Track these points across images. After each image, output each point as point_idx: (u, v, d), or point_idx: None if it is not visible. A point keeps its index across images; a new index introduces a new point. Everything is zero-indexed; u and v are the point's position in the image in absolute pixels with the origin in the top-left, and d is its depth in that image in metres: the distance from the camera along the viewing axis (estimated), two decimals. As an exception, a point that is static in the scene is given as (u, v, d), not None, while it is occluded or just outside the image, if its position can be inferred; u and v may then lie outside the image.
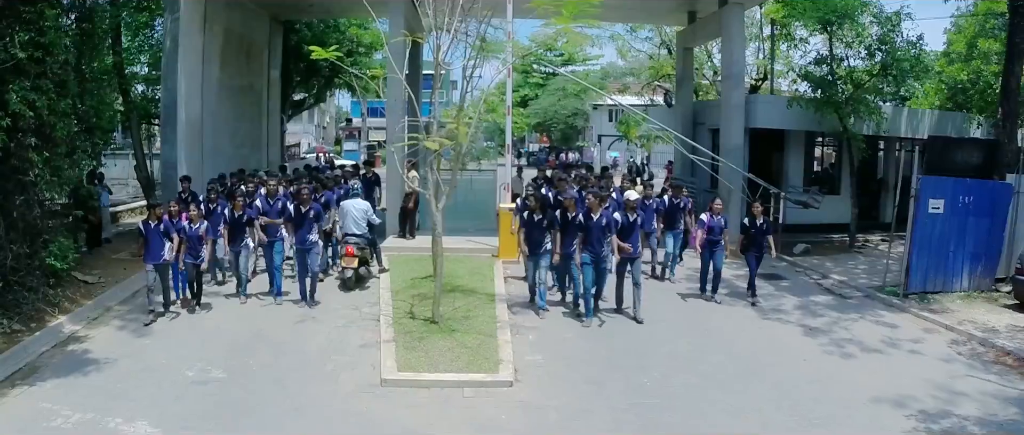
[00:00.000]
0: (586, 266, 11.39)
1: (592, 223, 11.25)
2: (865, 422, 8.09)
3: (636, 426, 7.97)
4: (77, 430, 7.45)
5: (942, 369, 9.91)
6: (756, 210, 13.27)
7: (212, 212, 12.64)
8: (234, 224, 12.46)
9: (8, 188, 10.21)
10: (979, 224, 14.29)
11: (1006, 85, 16.17)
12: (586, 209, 11.46)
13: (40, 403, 8.02)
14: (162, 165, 16.94)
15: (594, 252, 11.33)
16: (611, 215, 11.41)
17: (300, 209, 12.34)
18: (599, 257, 11.36)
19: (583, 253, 11.36)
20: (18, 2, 9.94)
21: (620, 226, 11.56)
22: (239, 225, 12.51)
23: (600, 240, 11.28)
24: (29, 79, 10.07)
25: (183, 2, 16.37)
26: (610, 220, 11.31)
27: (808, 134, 21.14)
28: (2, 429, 7.36)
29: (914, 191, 13.68)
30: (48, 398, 8.17)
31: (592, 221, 11.25)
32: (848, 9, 17.90)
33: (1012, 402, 8.74)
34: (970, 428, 7.87)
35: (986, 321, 12.25)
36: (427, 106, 17.18)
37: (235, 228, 12.46)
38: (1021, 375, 9.76)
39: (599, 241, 11.29)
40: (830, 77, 18.61)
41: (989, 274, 14.53)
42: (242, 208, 12.51)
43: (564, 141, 58.44)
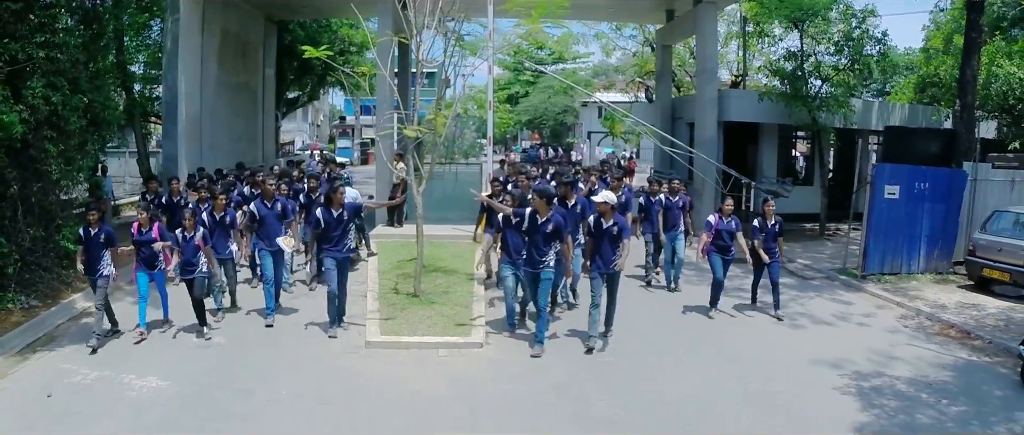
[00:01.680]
0: (523, 276, 9.97)
1: (536, 226, 9.55)
2: (799, 379, 8.96)
3: (588, 377, 8.84)
4: (96, 384, 8.33)
5: (885, 339, 10.77)
6: (768, 209, 11.83)
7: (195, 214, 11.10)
8: (215, 227, 11.17)
9: (26, 176, 11.06)
10: (935, 209, 15.15)
11: (963, 78, 17.11)
12: (532, 210, 9.64)
13: (61, 364, 8.89)
14: (163, 159, 17.79)
15: (531, 260, 9.67)
16: (558, 218, 9.52)
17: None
18: (535, 264, 9.61)
19: (519, 261, 9.92)
20: (36, 6, 10.79)
21: (594, 231, 9.88)
22: (223, 229, 11.32)
23: (541, 247, 9.54)
24: (45, 76, 10.93)
25: (183, 4, 17.22)
26: (558, 224, 9.46)
27: (781, 127, 22.05)
28: (30, 385, 8.23)
29: (870, 178, 14.59)
30: (67, 360, 9.05)
31: (537, 224, 9.54)
32: (816, 7, 18.86)
33: (945, 367, 9.60)
34: (898, 386, 8.73)
35: (937, 299, 13.13)
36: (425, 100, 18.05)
37: (214, 232, 11.05)
38: (961, 345, 10.60)
39: (540, 248, 9.56)
40: (800, 72, 19.55)
41: (946, 256, 15.40)
42: (223, 209, 11.30)
43: (554, 138, 59.25)
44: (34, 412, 7.54)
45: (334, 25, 29.56)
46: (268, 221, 11.21)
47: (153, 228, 10.08)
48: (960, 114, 17.05)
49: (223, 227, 11.22)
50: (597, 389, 8.53)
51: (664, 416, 7.76)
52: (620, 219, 9.91)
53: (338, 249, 10.12)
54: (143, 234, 10.05)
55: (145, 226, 10.11)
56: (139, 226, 10.08)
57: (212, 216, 11.14)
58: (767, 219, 11.79)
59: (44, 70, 10.98)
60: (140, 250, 10.03)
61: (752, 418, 7.78)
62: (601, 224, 9.83)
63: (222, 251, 11.14)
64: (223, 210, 11.23)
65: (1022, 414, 7.96)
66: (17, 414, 7.48)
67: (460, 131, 25.77)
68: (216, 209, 11.22)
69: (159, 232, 10.05)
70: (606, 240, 9.73)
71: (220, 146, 20.07)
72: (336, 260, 10.09)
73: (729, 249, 11.77)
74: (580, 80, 44.95)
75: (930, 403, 8.19)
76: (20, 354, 9.34)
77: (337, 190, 10.36)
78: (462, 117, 19.39)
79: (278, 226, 11.23)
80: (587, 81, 46.53)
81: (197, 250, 9.97)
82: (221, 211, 11.21)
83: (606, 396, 8.31)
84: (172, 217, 12.12)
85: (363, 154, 53.91)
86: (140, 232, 10.07)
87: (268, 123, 25.29)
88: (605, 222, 9.80)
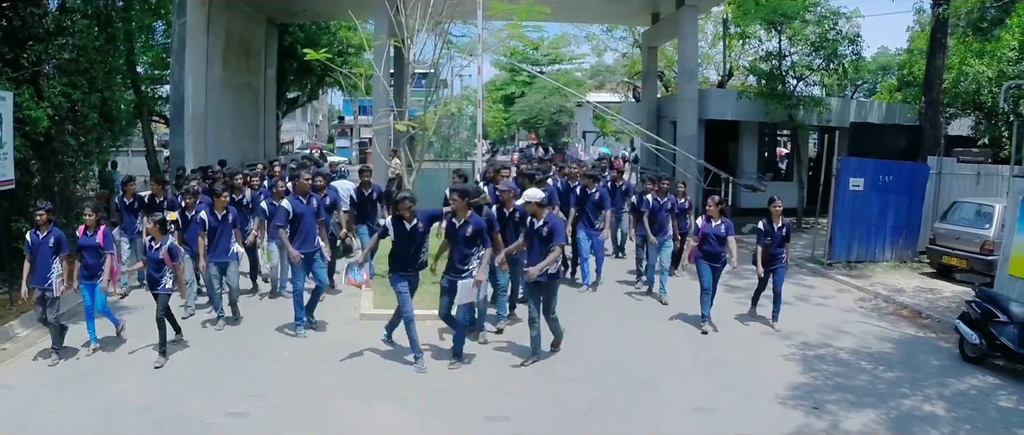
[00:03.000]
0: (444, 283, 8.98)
1: (457, 233, 8.66)
2: (749, 347, 9.93)
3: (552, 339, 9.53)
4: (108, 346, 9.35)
5: (839, 317, 11.70)
6: (775, 211, 10.69)
7: (190, 220, 10.52)
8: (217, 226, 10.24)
9: (49, 167, 12.00)
10: (899, 201, 16.08)
11: (928, 76, 18.11)
12: (451, 213, 8.87)
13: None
14: (171, 155, 18.73)
15: (452, 266, 8.79)
16: (479, 220, 8.69)
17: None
18: (456, 273, 8.70)
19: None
20: (57, 10, 11.74)
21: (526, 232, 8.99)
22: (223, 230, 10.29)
23: (463, 254, 8.65)
24: (66, 75, 11.87)
25: (190, 7, 18.16)
26: (478, 227, 8.62)
27: (761, 125, 23.00)
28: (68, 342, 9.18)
29: (835, 171, 15.55)
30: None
31: (455, 228, 8.67)
32: (792, 10, 19.81)
33: (890, 340, 10.54)
34: (841, 355, 9.66)
35: (896, 283, 14.08)
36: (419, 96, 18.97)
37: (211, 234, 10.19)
38: (910, 323, 11.55)
39: (461, 256, 8.66)
40: (777, 72, 20.49)
41: (911, 245, 16.33)
42: (224, 206, 10.31)
43: (550, 137, 60.16)
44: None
45: (333, 27, 30.49)
46: (305, 219, 10.05)
47: (98, 232, 9.01)
48: (925, 111, 18.00)
49: (226, 226, 10.18)
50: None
51: (619, 376, 8.68)
52: (553, 219, 8.92)
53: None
54: (87, 237, 9.04)
55: (91, 229, 9.06)
56: (84, 228, 9.12)
57: (213, 215, 10.11)
58: (773, 221, 10.70)
59: (65, 70, 11.91)
60: (82, 255, 9.08)
61: (697, 375, 8.77)
62: (532, 224, 8.85)
63: (223, 255, 10.14)
64: (224, 208, 10.23)
65: (954, 380, 8.87)
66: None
67: (455, 130, 26.67)
68: (216, 207, 10.20)
69: (104, 238, 9.00)
70: (536, 242, 8.75)
71: (224, 143, 21.00)
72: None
73: (719, 255, 10.55)
74: (573, 81, 45.91)
75: (867, 369, 9.14)
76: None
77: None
78: (457, 116, 20.24)
79: (314, 224, 10.18)
80: (580, 82, 47.47)
81: (162, 264, 8.73)
82: (222, 209, 10.19)
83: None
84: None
85: (362, 153, 54.85)
86: (85, 234, 9.08)
87: (269, 122, 26.26)
88: (535, 222, 8.82)
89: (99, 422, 7.16)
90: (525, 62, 56.29)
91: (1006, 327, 9.10)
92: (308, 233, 10.04)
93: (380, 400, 7.87)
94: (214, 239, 10.05)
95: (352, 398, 7.93)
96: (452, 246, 8.69)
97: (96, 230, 9.00)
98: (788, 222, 10.98)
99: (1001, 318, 9.20)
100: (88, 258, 9.02)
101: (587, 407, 7.76)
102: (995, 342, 9.12)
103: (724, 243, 10.53)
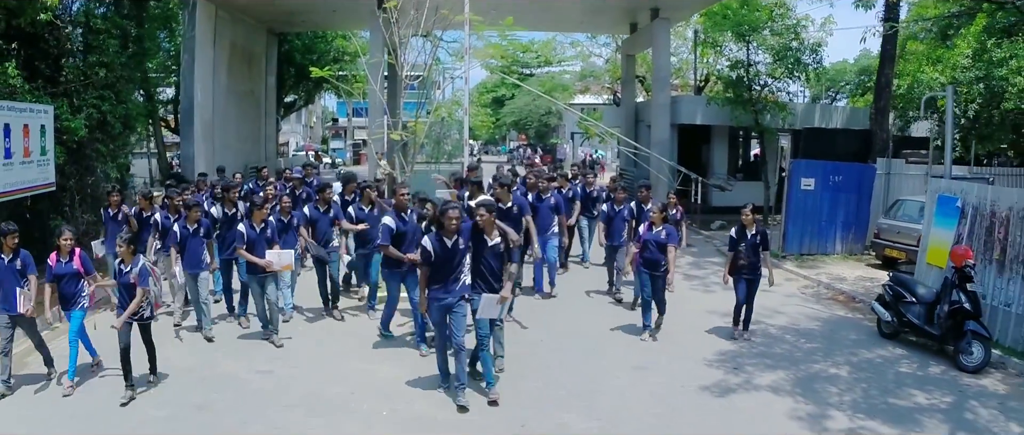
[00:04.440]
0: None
1: (487, 248, 8.06)
2: (687, 322, 11.43)
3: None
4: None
5: (779, 301, 13.16)
6: (747, 218, 10.40)
7: (167, 231, 10.49)
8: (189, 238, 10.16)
9: (81, 171, 13.52)
10: (849, 199, 17.66)
11: (878, 85, 19.73)
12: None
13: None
14: (182, 159, 20.25)
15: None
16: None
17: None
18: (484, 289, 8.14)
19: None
20: (90, 32, 13.28)
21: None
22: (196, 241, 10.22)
23: (493, 270, 8.12)
24: (97, 89, 13.39)
25: (198, 21, 19.67)
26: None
27: (732, 129, 24.60)
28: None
29: (787, 172, 17.14)
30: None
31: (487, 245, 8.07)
32: (757, 22, 21.38)
33: (819, 319, 12.11)
34: (770, 330, 11.21)
35: (840, 273, 15.64)
36: (412, 104, 20.45)
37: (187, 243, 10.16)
38: (843, 306, 13.11)
39: (491, 271, 8.12)
40: (743, 79, 22.06)
41: (860, 239, 17.92)
42: (197, 221, 10.21)
43: (540, 138, 61.73)
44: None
45: (328, 36, 32.03)
46: (320, 226, 11.16)
47: (74, 258, 8.33)
48: (874, 116, 19.63)
49: (196, 239, 10.15)
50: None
51: (556, 346, 10.20)
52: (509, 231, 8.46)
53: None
54: (61, 265, 8.28)
55: (65, 256, 8.29)
56: (57, 255, 8.29)
57: (185, 228, 10.10)
58: (746, 229, 10.40)
59: (94, 84, 13.43)
60: (60, 285, 8.31)
61: (639, 345, 10.31)
62: (482, 238, 8.03)
63: (195, 266, 10.12)
64: (197, 222, 10.15)
65: (864, 351, 10.43)
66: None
67: (446, 133, 28.14)
68: (190, 221, 10.14)
69: (82, 262, 8.37)
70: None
71: (230, 147, 22.51)
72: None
73: (659, 263, 10.26)
74: (559, 85, 47.48)
75: (790, 341, 10.74)
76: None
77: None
78: (447, 121, 21.65)
79: (329, 232, 11.17)
80: (566, 85, 49.05)
81: (134, 288, 7.92)
82: (194, 223, 10.12)
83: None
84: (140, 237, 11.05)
85: (355, 154, 56.35)
86: (58, 263, 8.28)
87: (270, 126, 27.81)
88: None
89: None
90: (516, 64, 57.82)
91: (913, 306, 10.67)
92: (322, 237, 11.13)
93: (380, 361, 9.47)
94: (188, 248, 10.05)
95: (357, 360, 9.53)
96: (478, 261, 7.99)
97: (71, 256, 8.27)
98: (764, 229, 10.55)
99: (909, 299, 10.76)
100: (65, 287, 8.28)
101: (547, 366, 9.36)
102: (904, 320, 10.69)
103: (665, 250, 10.20)
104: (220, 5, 20.92)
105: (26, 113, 11.36)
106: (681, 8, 22.38)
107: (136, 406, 7.97)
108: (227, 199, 11.36)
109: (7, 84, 11.38)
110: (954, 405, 8.44)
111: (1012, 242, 10.52)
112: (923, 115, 23.54)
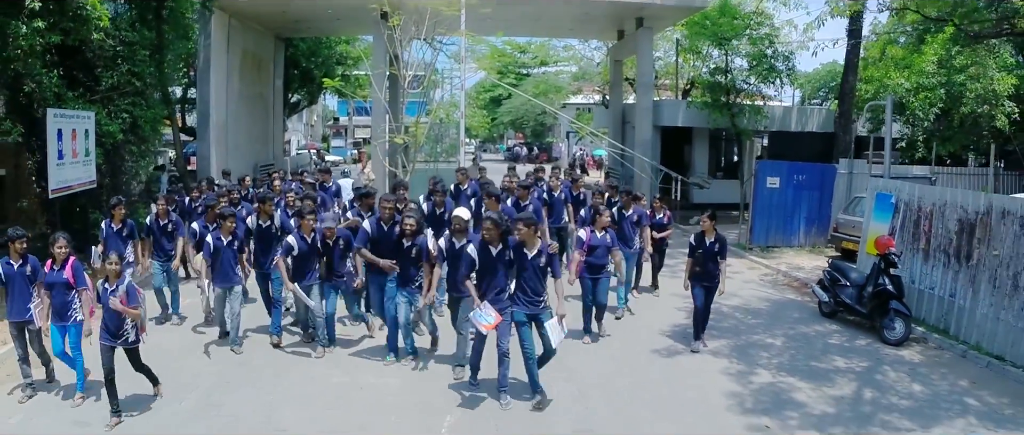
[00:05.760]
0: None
1: (528, 262, 8.28)
2: (648, 302, 13.03)
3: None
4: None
5: (738, 286, 14.71)
6: (706, 226, 10.42)
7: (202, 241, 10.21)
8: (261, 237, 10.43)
9: (114, 169, 15.13)
10: (811, 196, 19.24)
11: (842, 91, 21.35)
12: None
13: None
14: (198, 158, 21.86)
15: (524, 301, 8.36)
16: (545, 247, 8.40)
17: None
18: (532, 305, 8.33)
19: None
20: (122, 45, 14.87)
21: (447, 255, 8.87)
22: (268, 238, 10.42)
23: (536, 285, 8.31)
24: (130, 96, 15.00)
25: (213, 30, 21.26)
26: (549, 255, 8.39)
27: (713, 131, 26.23)
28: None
29: (754, 171, 18.76)
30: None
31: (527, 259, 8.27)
32: (734, 31, 22.99)
33: (769, 301, 13.74)
34: (723, 309, 12.69)
35: (799, 263, 17.24)
36: (413, 106, 22.03)
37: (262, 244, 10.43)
38: (795, 291, 14.72)
39: (534, 286, 8.31)
40: (720, 84, 23.68)
41: (822, 233, 19.48)
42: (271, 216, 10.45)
43: (536, 137, 63.21)
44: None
45: (331, 41, 33.62)
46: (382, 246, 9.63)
47: (66, 266, 7.99)
48: (838, 119, 21.27)
49: (230, 251, 9.87)
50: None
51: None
52: (475, 237, 8.50)
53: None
54: (52, 273, 7.99)
55: (58, 263, 7.99)
56: (51, 263, 8.02)
57: (219, 239, 9.83)
58: (705, 236, 10.41)
59: (127, 92, 15.03)
60: (52, 294, 7.99)
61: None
62: (453, 245, 8.69)
63: (227, 280, 9.91)
64: (231, 234, 9.87)
65: (802, 326, 12.08)
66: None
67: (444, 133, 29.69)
68: (224, 232, 9.87)
69: (74, 272, 8.00)
70: (530, 271, 8.24)
71: (241, 147, 24.13)
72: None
73: (602, 267, 10.54)
74: (553, 87, 49.14)
75: (738, 318, 12.38)
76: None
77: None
78: (444, 122, 23.15)
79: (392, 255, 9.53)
80: (559, 87, 50.69)
81: (115, 313, 7.44)
82: (229, 235, 9.85)
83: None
84: (158, 243, 11.07)
85: (356, 153, 57.79)
86: (52, 270, 8.01)
87: (277, 127, 29.47)
88: (457, 242, 8.65)
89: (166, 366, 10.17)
90: (513, 64, 59.26)
91: (846, 289, 12.29)
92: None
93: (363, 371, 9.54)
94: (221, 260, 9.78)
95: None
96: (522, 275, 8.21)
97: (64, 265, 7.99)
98: (723, 237, 10.54)
99: (843, 282, 12.39)
100: (55, 297, 7.97)
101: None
102: (839, 300, 12.32)
103: (609, 253, 10.54)
104: (233, 14, 22.48)
105: (74, 119, 12.98)
106: (663, 18, 23.96)
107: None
108: (263, 210, 10.62)
109: (54, 93, 12.93)
110: (868, 369, 10.07)
111: (935, 234, 12.09)
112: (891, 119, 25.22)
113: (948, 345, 10.99)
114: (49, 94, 12.74)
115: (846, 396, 9.03)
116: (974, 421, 8.36)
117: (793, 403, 8.73)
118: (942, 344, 11.10)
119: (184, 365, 9.58)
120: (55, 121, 12.25)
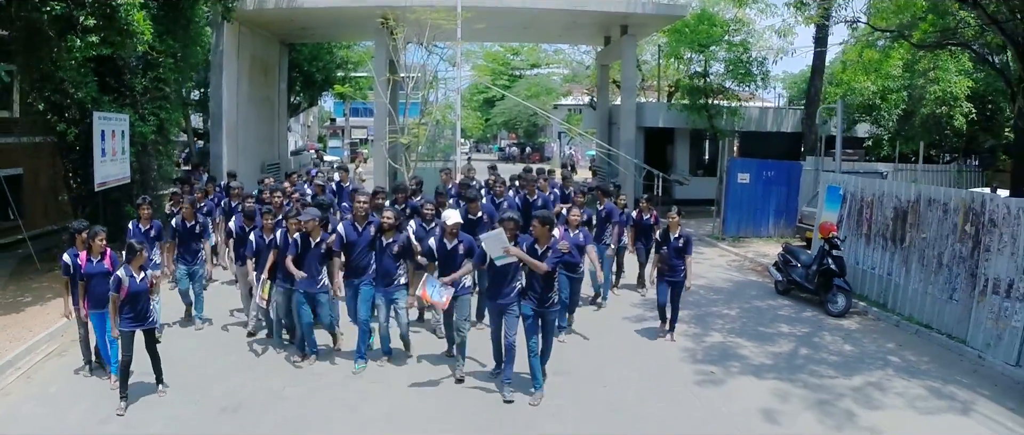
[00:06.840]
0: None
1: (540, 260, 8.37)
2: (625, 283, 14.55)
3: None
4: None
5: (706, 269, 16.33)
6: (673, 221, 10.65)
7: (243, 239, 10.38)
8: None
9: (143, 166, 16.72)
10: (779, 191, 20.97)
11: (809, 95, 23.07)
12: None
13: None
14: (211, 158, 23.46)
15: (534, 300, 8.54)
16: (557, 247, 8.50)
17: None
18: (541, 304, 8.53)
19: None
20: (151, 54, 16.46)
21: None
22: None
23: (548, 284, 8.48)
24: (157, 101, 16.61)
25: (225, 37, 22.85)
26: (560, 254, 8.53)
27: (694, 131, 27.91)
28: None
29: (725, 168, 20.45)
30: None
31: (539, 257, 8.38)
32: (712, 38, 24.68)
33: (732, 282, 15.41)
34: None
35: (765, 251, 18.82)
36: (415, 106, 23.51)
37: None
38: (758, 275, 16.37)
39: (546, 285, 8.48)
40: (699, 87, 25.35)
41: (790, 224, 21.15)
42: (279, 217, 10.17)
43: (528, 138, 64.78)
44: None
45: (332, 46, 35.21)
46: (357, 247, 9.46)
47: (105, 257, 8.44)
48: (805, 120, 22.98)
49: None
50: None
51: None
52: (466, 238, 8.93)
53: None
54: (91, 264, 8.39)
55: (96, 255, 8.41)
56: (87, 254, 8.41)
57: (261, 238, 9.94)
58: (670, 231, 10.66)
59: (157, 96, 16.63)
60: (90, 284, 8.36)
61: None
62: (444, 246, 8.90)
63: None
64: (272, 232, 9.77)
65: (757, 302, 13.77)
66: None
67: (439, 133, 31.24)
68: (266, 231, 9.95)
69: (112, 262, 8.40)
70: (456, 264, 8.71)
71: (249, 147, 25.72)
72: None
73: (577, 266, 10.60)
74: (544, 89, 50.76)
75: (701, 295, 14.02)
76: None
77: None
78: (440, 123, 24.60)
79: (367, 255, 9.44)
80: (550, 89, 52.32)
81: (139, 296, 7.95)
82: (270, 233, 9.79)
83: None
84: (185, 244, 10.93)
85: (352, 154, 59.28)
86: (88, 262, 8.39)
87: (281, 128, 31.10)
88: (448, 243, 8.88)
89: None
90: (506, 66, 60.72)
91: (796, 268, 13.98)
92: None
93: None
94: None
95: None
96: (532, 274, 8.32)
97: (103, 256, 8.39)
98: (688, 233, 10.81)
99: (794, 263, 14.08)
100: (97, 287, 8.28)
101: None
102: (790, 279, 14.01)
103: (583, 252, 10.58)
104: (243, 22, 24.05)
105: (113, 121, 14.59)
106: (646, 26, 25.60)
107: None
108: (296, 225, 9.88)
109: (92, 99, 14.46)
110: (809, 334, 11.77)
111: (875, 221, 13.75)
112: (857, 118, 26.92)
113: (884, 316, 12.67)
114: (89, 99, 14.28)
115: (783, 352, 10.72)
116: (892, 372, 9.99)
117: (737, 356, 10.44)
118: (880, 316, 12.77)
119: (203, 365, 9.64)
120: (99, 123, 13.85)
